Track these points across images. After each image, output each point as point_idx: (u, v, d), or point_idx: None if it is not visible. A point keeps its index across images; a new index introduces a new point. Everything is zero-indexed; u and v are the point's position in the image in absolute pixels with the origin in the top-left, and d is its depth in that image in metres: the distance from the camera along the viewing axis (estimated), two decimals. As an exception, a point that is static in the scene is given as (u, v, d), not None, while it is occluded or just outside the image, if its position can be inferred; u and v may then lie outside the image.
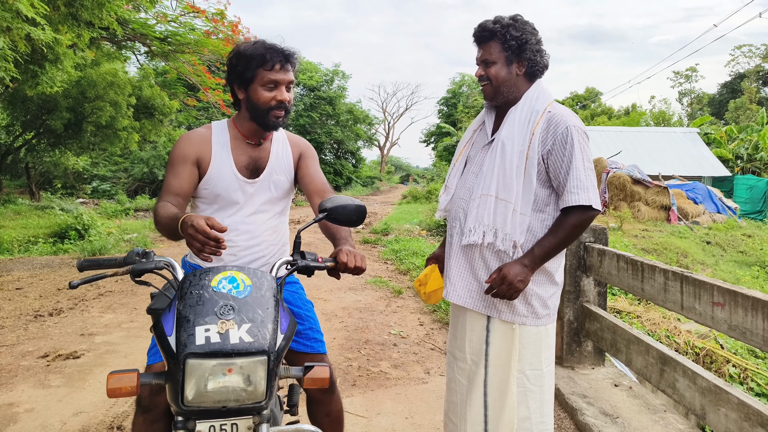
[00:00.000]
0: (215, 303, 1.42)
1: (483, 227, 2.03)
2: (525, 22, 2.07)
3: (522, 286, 1.98)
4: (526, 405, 2.09)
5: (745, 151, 24.20)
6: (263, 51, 1.92)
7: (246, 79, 1.95)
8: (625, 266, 3.21)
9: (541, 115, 2.02)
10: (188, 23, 12.05)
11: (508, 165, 2.02)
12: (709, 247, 14.46)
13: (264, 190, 2.08)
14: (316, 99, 31.98)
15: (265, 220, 2.09)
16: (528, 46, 2.03)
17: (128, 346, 4.39)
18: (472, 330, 2.14)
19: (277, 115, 1.97)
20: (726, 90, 50.01)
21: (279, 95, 1.94)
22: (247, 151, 2.06)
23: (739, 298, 2.24)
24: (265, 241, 2.08)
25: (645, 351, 2.99)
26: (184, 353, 1.32)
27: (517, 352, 2.06)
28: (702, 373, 2.50)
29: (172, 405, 1.39)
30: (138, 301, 5.87)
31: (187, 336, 1.35)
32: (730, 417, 2.28)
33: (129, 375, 1.38)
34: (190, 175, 1.98)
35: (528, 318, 2.07)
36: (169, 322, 1.41)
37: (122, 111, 15.71)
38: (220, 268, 1.53)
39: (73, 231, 10.41)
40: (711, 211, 17.85)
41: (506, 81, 2.07)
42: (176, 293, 1.48)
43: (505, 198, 2.01)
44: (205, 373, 1.33)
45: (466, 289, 2.14)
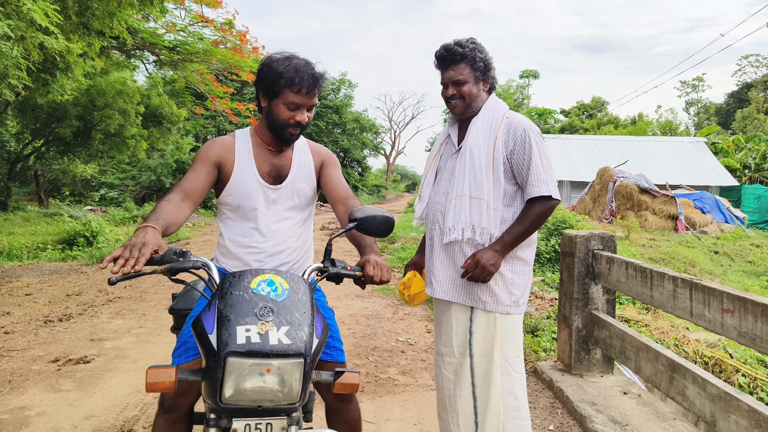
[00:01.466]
0: (255, 304, 1.46)
1: (461, 224, 2.24)
2: (482, 45, 2.32)
3: (494, 270, 2.18)
4: (514, 393, 2.24)
5: (753, 161, 24.11)
6: (293, 73, 1.94)
7: (272, 92, 1.98)
8: (634, 273, 3.22)
9: (501, 121, 2.27)
10: (197, 33, 12.19)
11: (477, 167, 2.24)
12: (717, 257, 14.38)
13: (287, 198, 2.11)
14: (323, 107, 32.13)
15: (289, 227, 2.11)
16: (491, 66, 2.32)
17: (138, 352, 4.41)
18: (458, 323, 2.28)
19: (291, 133, 2.02)
20: (733, 99, 49.90)
21: (298, 116, 1.98)
22: (269, 159, 2.10)
23: (749, 304, 2.24)
24: (289, 248, 2.11)
25: (654, 358, 2.99)
26: (225, 351, 1.36)
27: (500, 341, 2.21)
28: (712, 380, 2.50)
29: (208, 402, 1.43)
30: (147, 308, 5.90)
31: (228, 335, 1.38)
32: (741, 424, 2.28)
33: (168, 371, 1.42)
34: (207, 175, 2.02)
35: (510, 307, 2.25)
36: (210, 321, 1.45)
37: (131, 119, 15.83)
38: (258, 270, 1.57)
39: (82, 238, 10.47)
40: (719, 221, 17.77)
41: (476, 97, 2.31)
42: (216, 293, 1.51)
43: (478, 196, 2.23)
44: (244, 372, 1.37)
45: (451, 284, 2.30)
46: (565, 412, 3.36)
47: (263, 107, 2.05)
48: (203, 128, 26.61)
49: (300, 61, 1.98)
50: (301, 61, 1.99)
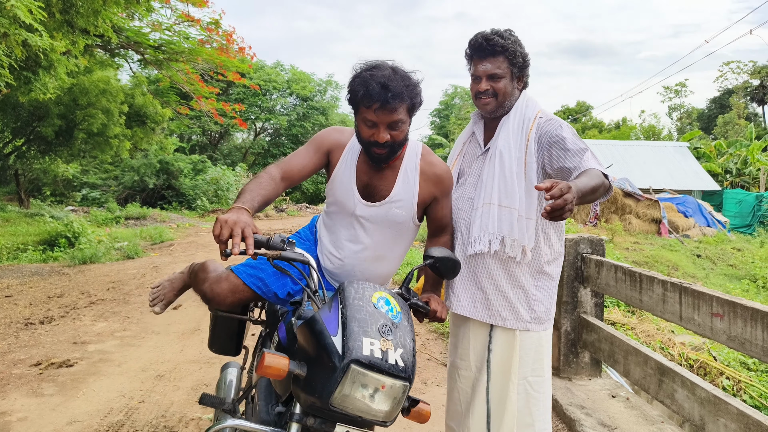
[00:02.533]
0: (377, 320, 1.49)
1: (488, 236, 2.05)
2: (520, 39, 2.14)
3: (572, 208, 1.64)
4: (530, 412, 2.11)
5: (734, 166, 24.49)
6: (362, 87, 1.80)
7: (354, 108, 1.90)
8: (623, 277, 3.23)
9: (533, 121, 2.08)
10: (183, 32, 12.06)
11: (507, 172, 2.06)
12: (699, 261, 14.57)
13: (379, 220, 2.01)
14: (309, 109, 32.03)
15: (376, 252, 2.04)
16: (528, 64, 2.14)
17: (122, 355, 4.34)
18: (476, 339, 2.16)
19: (377, 152, 1.89)
20: (715, 105, 50.68)
21: (376, 135, 1.84)
22: (369, 172, 2.00)
23: (739, 309, 2.25)
24: (368, 269, 2.06)
25: (643, 362, 3.00)
26: (351, 357, 1.38)
27: (518, 359, 2.10)
28: (701, 384, 2.51)
29: (305, 398, 1.44)
30: (130, 310, 5.81)
31: (355, 342, 1.41)
32: (730, 427, 2.29)
33: (282, 359, 1.44)
34: (314, 162, 1.99)
35: (531, 324, 2.11)
36: (333, 323, 1.47)
37: (114, 119, 15.64)
38: (376, 286, 1.61)
39: (63, 239, 10.31)
40: (701, 225, 18.01)
41: (511, 95, 2.13)
42: (337, 296, 1.55)
43: (508, 205, 2.04)
44: (363, 382, 1.40)
45: (470, 300, 2.16)
46: (554, 415, 3.36)
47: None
48: (188, 128, 26.42)
49: (376, 72, 1.81)
50: (380, 72, 1.81)
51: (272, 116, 31.03)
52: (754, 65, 49.23)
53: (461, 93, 45.38)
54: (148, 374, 3.96)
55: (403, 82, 1.81)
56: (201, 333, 4.99)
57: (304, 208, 25.68)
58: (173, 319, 5.44)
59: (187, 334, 4.97)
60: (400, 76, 1.83)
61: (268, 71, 31.02)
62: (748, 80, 49.43)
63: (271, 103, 31.26)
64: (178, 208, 21.40)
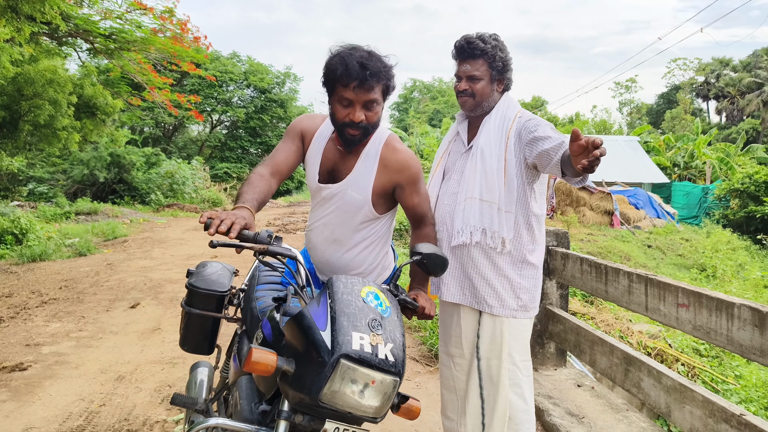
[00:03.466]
0: (366, 314, 1.48)
1: (470, 228, 2.18)
2: (504, 44, 2.24)
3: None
4: (523, 396, 2.22)
5: (682, 159, 25.44)
6: (339, 65, 1.83)
7: (329, 89, 1.93)
8: (589, 269, 3.29)
9: (513, 121, 2.22)
10: (135, 20, 11.65)
11: (488, 168, 2.18)
12: (650, 251, 15.10)
13: (335, 200, 2.05)
14: (268, 101, 31.50)
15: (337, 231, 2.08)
16: (509, 67, 2.25)
17: (79, 357, 4.17)
18: (467, 326, 2.25)
19: (351, 133, 1.92)
20: (663, 100, 52.58)
21: (352, 115, 1.87)
22: (335, 156, 2.06)
23: (704, 299, 2.32)
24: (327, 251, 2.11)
25: (609, 352, 3.07)
26: (340, 352, 1.37)
27: (507, 345, 2.18)
28: (667, 373, 2.58)
29: (294, 394, 1.42)
30: (85, 309, 5.59)
31: (344, 337, 1.39)
32: (695, 414, 2.37)
33: (270, 354, 1.42)
34: (294, 150, 2.07)
35: (518, 311, 2.21)
36: (322, 318, 1.45)
37: (62, 110, 14.97)
38: (365, 281, 1.60)
39: (10, 235, 9.82)
40: (651, 216, 18.67)
41: (488, 97, 2.26)
42: (326, 291, 1.52)
43: (489, 199, 2.17)
44: (352, 378, 1.38)
45: (459, 287, 2.27)
46: (522, 406, 3.41)
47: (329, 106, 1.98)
48: (140, 120, 25.59)
49: (354, 52, 1.84)
50: (358, 52, 1.85)
51: (229, 108, 30.38)
52: (699, 62, 51.27)
53: (420, 87, 45.59)
54: (107, 376, 3.82)
55: (380, 63, 1.86)
56: (161, 333, 4.85)
57: (263, 202, 25.34)
58: (131, 319, 5.26)
59: (147, 333, 4.82)
60: (377, 57, 1.87)
61: (224, 62, 30.35)
62: (694, 77, 51.44)
63: (227, 94, 30.60)
64: (131, 203, 20.73)
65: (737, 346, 2.15)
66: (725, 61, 53.96)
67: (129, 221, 14.82)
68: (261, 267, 2.55)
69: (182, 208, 19.80)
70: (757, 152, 27.64)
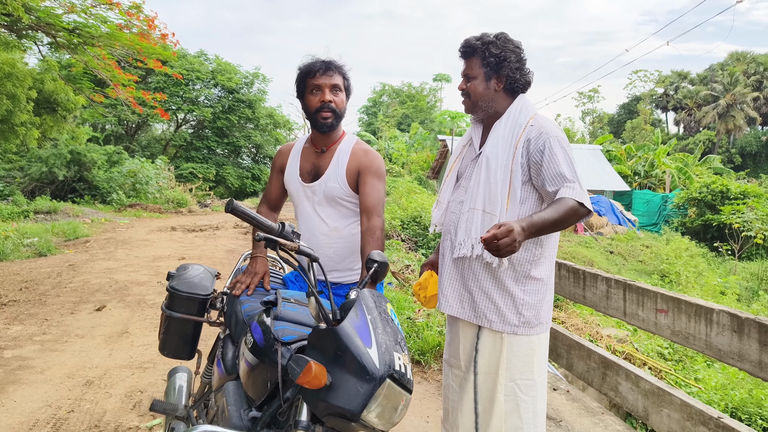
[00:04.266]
0: (396, 332, 1.52)
1: (471, 240, 2.07)
2: (508, 40, 2.12)
3: (516, 247, 1.71)
4: (519, 415, 2.09)
5: (642, 168, 26.19)
6: (306, 63, 2.26)
7: (300, 90, 2.28)
8: (567, 274, 3.35)
9: (524, 128, 2.06)
10: (100, 15, 11.34)
11: (492, 179, 2.05)
12: (612, 257, 15.49)
13: (318, 195, 2.31)
14: (235, 101, 31.07)
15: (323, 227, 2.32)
16: (506, 63, 2.08)
17: (44, 361, 4.01)
18: (465, 339, 2.17)
19: (324, 116, 2.24)
20: (624, 111, 54.10)
21: (322, 96, 2.23)
22: (311, 158, 2.36)
23: (683, 305, 2.39)
24: (331, 247, 2.32)
25: (587, 356, 3.13)
26: (388, 372, 1.39)
27: (506, 362, 2.07)
28: (645, 377, 2.64)
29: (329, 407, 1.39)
30: (48, 312, 5.39)
31: (389, 357, 1.42)
32: (673, 417, 2.42)
33: (323, 368, 1.41)
34: (277, 183, 2.43)
35: (519, 327, 2.07)
36: (365, 334, 1.45)
37: (20, 105, 14.46)
38: (384, 297, 1.65)
39: (-36, 234, 9.43)
40: (613, 223, 19.15)
41: (484, 96, 2.13)
42: (361, 306, 1.52)
43: (490, 211, 2.04)
44: (391, 396, 1.41)
45: (458, 300, 2.17)
46: (500, 410, 3.44)
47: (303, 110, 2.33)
48: (103, 117, 24.93)
49: (316, 56, 2.28)
50: (318, 56, 2.28)
51: (195, 107, 29.84)
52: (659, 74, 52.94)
53: (389, 91, 45.74)
54: (75, 381, 3.68)
55: (337, 61, 2.29)
56: (130, 336, 4.71)
57: (229, 204, 24.99)
58: (97, 322, 5.10)
59: (115, 337, 4.67)
60: (334, 59, 2.29)
61: (191, 60, 29.82)
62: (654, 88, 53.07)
63: (194, 93, 30.06)
64: (92, 202, 20.12)
65: (715, 350, 2.21)
66: (683, 74, 55.91)
67: (90, 221, 14.39)
68: (245, 270, 2.50)
69: (145, 209, 19.34)
70: (713, 163, 28.71)
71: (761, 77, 53.30)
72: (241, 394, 1.82)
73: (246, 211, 1.57)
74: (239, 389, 1.85)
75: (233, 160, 32.71)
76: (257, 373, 1.72)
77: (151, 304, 5.79)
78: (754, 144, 49.31)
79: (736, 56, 54.52)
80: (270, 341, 1.67)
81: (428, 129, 37.86)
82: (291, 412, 1.59)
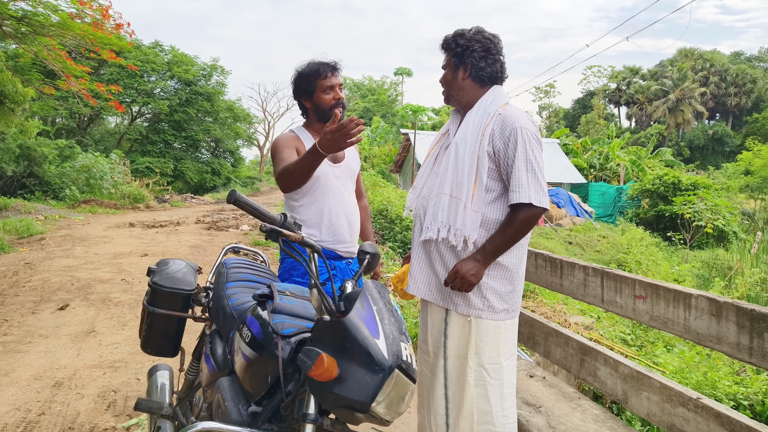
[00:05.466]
0: (400, 323, 1.52)
1: (437, 223, 2.15)
2: (479, 32, 2.21)
3: (475, 280, 2.08)
4: (487, 398, 2.15)
5: (598, 161, 26.94)
6: (317, 67, 2.54)
7: (310, 91, 2.54)
8: (544, 264, 3.42)
9: (492, 117, 2.13)
10: (50, 4, 10.88)
11: (460, 165, 2.14)
12: (571, 247, 15.91)
13: (346, 175, 2.66)
14: (193, 94, 30.29)
15: (352, 200, 2.68)
16: (469, 53, 2.19)
17: (8, 363, 3.84)
18: (433, 322, 2.22)
19: (338, 112, 2.41)
20: (578, 105, 55.42)
21: (336, 95, 2.55)
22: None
23: (661, 290, 2.47)
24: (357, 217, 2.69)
25: (564, 342, 3.21)
26: (396, 362, 1.40)
27: (474, 345, 2.13)
28: (624, 361, 2.73)
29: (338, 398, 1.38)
30: (8, 312, 5.16)
31: (397, 347, 1.43)
32: (653, 400, 2.51)
33: (334, 362, 1.41)
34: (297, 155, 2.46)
35: (484, 311, 2.14)
36: (372, 324, 1.44)
37: (-35, 97, 13.77)
38: (385, 287, 1.63)
39: None
40: (571, 215, 19.66)
41: (452, 84, 2.25)
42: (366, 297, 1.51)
43: (457, 196, 2.12)
44: (399, 387, 1.41)
45: (426, 283, 2.24)
46: (479, 398, 3.49)
47: (309, 108, 2.60)
48: (54, 110, 23.94)
49: (316, 60, 2.58)
50: (317, 59, 2.59)
51: (151, 100, 28.95)
52: (612, 70, 54.45)
53: (349, 84, 45.53)
54: (43, 383, 3.55)
55: (335, 61, 2.60)
56: (97, 335, 4.57)
57: (189, 199, 24.44)
58: (61, 321, 4.92)
59: (81, 336, 4.52)
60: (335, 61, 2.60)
61: (145, 51, 28.92)
62: (607, 83, 54.55)
63: (149, 85, 29.17)
64: (43, 198, 19.34)
65: (694, 334, 2.30)
66: (635, 70, 57.70)
67: (44, 218, 13.84)
68: (228, 264, 2.46)
69: (101, 204, 18.72)
70: (665, 155, 29.76)
71: (707, 73, 55.54)
72: (237, 390, 1.79)
73: (249, 202, 1.55)
74: (234, 384, 1.82)
75: (192, 155, 31.93)
76: (256, 367, 1.70)
77: (117, 302, 5.62)
78: (701, 137, 51.42)
79: (684, 53, 56.61)
80: (269, 335, 1.65)
81: (390, 123, 37.92)
82: (294, 406, 1.58)
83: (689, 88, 52.45)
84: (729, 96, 55.70)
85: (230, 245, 2.74)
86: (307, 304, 1.86)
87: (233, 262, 2.47)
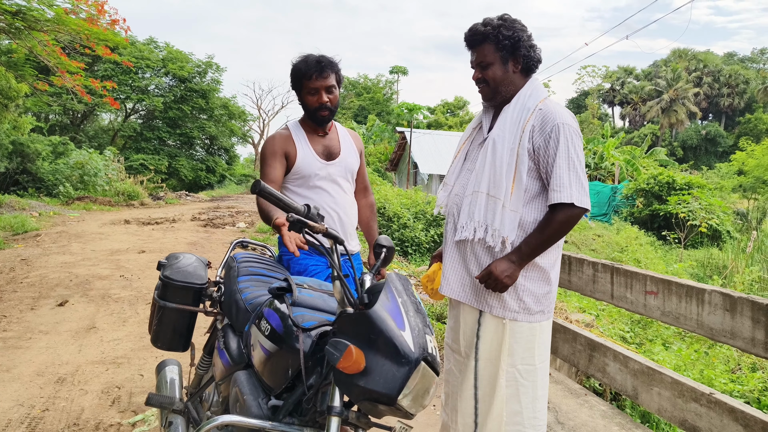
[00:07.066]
0: (424, 315, 1.51)
1: (474, 223, 2.06)
2: (514, 20, 2.10)
3: (509, 282, 2.00)
4: (518, 400, 2.09)
5: (592, 160, 27.00)
6: (301, 65, 2.44)
7: (297, 88, 2.50)
8: (551, 260, 3.41)
9: (532, 112, 2.04)
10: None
11: (498, 162, 2.04)
12: (566, 245, 15.91)
13: (341, 171, 2.59)
14: (188, 91, 30.13)
15: (346, 198, 2.62)
16: (521, 43, 2.06)
17: (9, 359, 3.80)
18: (465, 323, 2.15)
19: (322, 115, 2.50)
20: (573, 105, 55.57)
21: (319, 99, 2.46)
22: (319, 141, 2.59)
23: (674, 286, 2.47)
24: (350, 215, 2.63)
25: (572, 338, 3.20)
26: (422, 355, 1.38)
27: (508, 347, 2.06)
28: (634, 357, 2.73)
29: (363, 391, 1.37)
30: (6, 308, 5.11)
31: (422, 339, 1.42)
32: (664, 395, 2.51)
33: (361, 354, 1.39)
34: (281, 166, 2.48)
35: (519, 314, 2.06)
36: (398, 316, 1.43)
37: (-41, 92, 13.64)
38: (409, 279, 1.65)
39: None
40: (567, 214, 19.67)
41: (504, 80, 2.10)
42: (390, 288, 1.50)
43: (495, 195, 2.03)
44: (425, 379, 1.40)
45: (459, 283, 2.16)
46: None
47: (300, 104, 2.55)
48: (47, 106, 23.79)
49: (309, 56, 2.45)
50: (311, 55, 2.45)
51: (145, 97, 28.77)
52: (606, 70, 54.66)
53: (345, 82, 45.42)
54: (46, 379, 3.51)
55: (329, 58, 2.48)
56: (98, 332, 4.53)
57: (184, 196, 24.33)
58: (61, 317, 4.87)
59: (82, 332, 4.48)
60: (325, 55, 2.48)
61: (140, 47, 28.76)
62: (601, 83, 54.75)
63: (144, 82, 29.00)
64: (36, 195, 19.20)
65: (707, 329, 2.30)
66: (629, 70, 57.94)
67: (38, 214, 13.73)
68: (239, 258, 2.44)
69: (95, 201, 18.61)
70: (659, 155, 29.88)
71: (701, 74, 55.86)
72: (255, 383, 1.77)
73: (273, 193, 1.53)
74: (252, 378, 1.80)
75: (186, 152, 31.78)
76: (275, 360, 1.68)
77: (117, 299, 5.57)
78: (694, 137, 51.70)
79: (678, 53, 56.90)
80: (289, 328, 1.63)
81: (385, 121, 37.88)
82: (317, 399, 1.56)
83: (683, 89, 52.74)
84: (722, 96, 56.06)
85: (238, 240, 2.71)
86: (326, 297, 1.84)
87: (243, 256, 2.45)
